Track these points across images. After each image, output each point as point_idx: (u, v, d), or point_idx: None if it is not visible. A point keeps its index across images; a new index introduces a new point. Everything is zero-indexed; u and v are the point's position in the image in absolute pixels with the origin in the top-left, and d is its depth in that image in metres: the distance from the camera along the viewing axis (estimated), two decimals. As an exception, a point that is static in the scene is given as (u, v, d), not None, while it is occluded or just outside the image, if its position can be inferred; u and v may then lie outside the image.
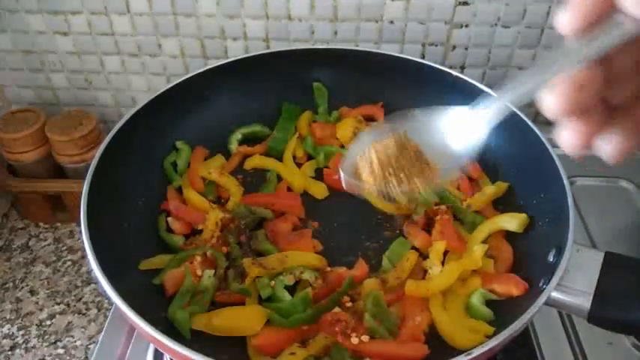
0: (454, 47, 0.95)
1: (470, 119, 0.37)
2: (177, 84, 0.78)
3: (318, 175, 0.79)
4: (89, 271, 0.87)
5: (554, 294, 0.54)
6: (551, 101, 0.30)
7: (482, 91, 0.76)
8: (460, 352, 0.50)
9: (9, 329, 0.79)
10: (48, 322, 0.80)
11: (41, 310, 0.82)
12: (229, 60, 0.82)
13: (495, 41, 0.94)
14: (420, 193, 0.72)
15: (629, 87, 0.32)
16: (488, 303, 0.61)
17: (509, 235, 0.68)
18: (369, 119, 0.85)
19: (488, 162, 0.78)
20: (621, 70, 0.31)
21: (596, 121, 0.31)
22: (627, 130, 0.32)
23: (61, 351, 0.76)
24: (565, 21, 0.29)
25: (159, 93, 0.76)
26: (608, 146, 0.31)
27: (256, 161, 0.81)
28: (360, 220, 0.74)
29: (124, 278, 0.56)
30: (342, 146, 0.81)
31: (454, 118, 0.38)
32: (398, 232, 0.72)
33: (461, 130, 0.38)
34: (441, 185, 0.37)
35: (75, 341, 0.78)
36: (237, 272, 0.65)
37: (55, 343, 0.77)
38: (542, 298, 0.52)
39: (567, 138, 0.32)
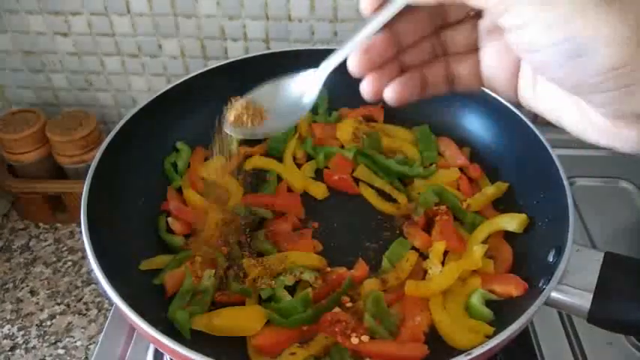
0: (454, 48, 0.95)
1: (304, 81, 0.48)
2: (177, 84, 0.78)
3: (318, 175, 0.80)
4: (89, 272, 0.87)
5: (554, 294, 0.54)
6: (352, 61, 0.42)
7: (482, 92, 0.76)
8: (460, 352, 0.49)
9: (9, 329, 0.79)
10: (48, 323, 0.80)
11: (41, 310, 0.82)
12: (229, 60, 0.82)
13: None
14: (419, 194, 0.73)
15: (415, 52, 0.44)
16: (488, 303, 0.61)
17: (508, 236, 0.68)
18: (369, 120, 0.85)
19: (488, 162, 0.78)
20: (407, 38, 0.43)
21: (387, 75, 0.43)
22: (412, 83, 0.43)
23: (61, 351, 0.77)
24: (363, 6, 0.40)
25: (159, 93, 0.76)
26: (391, 93, 0.43)
27: (256, 162, 0.81)
28: (360, 220, 0.74)
29: (124, 278, 0.56)
30: (342, 146, 0.81)
31: (295, 81, 0.49)
32: (398, 232, 0.72)
33: (300, 89, 0.49)
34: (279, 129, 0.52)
35: (75, 341, 0.78)
36: (238, 272, 0.65)
37: (55, 343, 0.78)
38: (542, 299, 0.52)
39: (365, 86, 0.43)
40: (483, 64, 0.44)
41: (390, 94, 0.43)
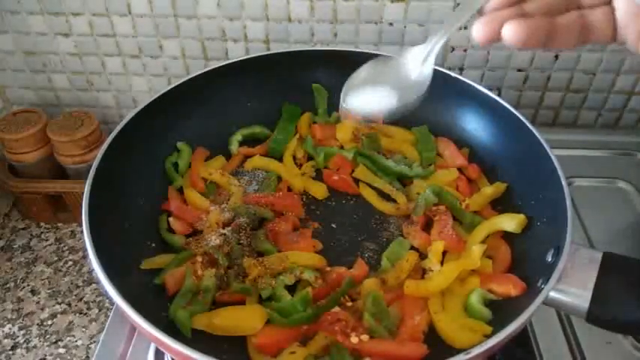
0: (453, 49, 0.96)
1: (421, 55, 0.50)
2: (178, 85, 0.78)
3: (318, 175, 0.80)
4: (90, 271, 0.88)
5: (553, 294, 0.54)
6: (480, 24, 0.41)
7: (481, 93, 0.77)
8: (459, 351, 0.50)
9: (10, 329, 0.79)
10: (49, 322, 0.80)
11: (42, 309, 0.82)
12: (230, 61, 0.83)
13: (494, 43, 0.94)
14: (418, 194, 0.73)
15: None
16: (487, 303, 0.62)
17: (507, 235, 0.69)
18: (369, 120, 0.86)
19: (486, 163, 0.79)
20: None
21: (506, 16, 0.42)
22: (536, 27, 0.41)
23: (62, 350, 0.77)
24: None
25: (160, 94, 0.76)
26: (511, 32, 0.41)
27: (257, 162, 0.81)
28: (359, 220, 0.74)
29: (125, 278, 0.57)
30: (342, 147, 0.82)
31: (411, 57, 0.51)
32: (397, 232, 0.72)
33: (417, 65, 0.51)
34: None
35: (76, 341, 0.78)
36: (238, 272, 0.65)
37: (56, 342, 0.78)
38: (541, 298, 0.53)
39: (478, 27, 0.42)
40: (618, 11, 0.42)
41: (509, 32, 0.41)
